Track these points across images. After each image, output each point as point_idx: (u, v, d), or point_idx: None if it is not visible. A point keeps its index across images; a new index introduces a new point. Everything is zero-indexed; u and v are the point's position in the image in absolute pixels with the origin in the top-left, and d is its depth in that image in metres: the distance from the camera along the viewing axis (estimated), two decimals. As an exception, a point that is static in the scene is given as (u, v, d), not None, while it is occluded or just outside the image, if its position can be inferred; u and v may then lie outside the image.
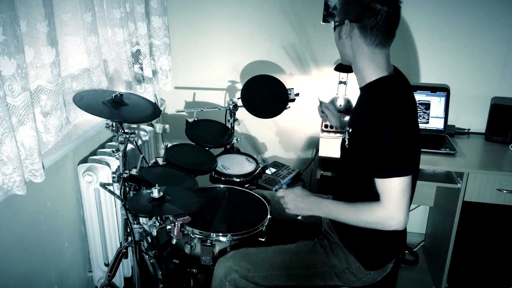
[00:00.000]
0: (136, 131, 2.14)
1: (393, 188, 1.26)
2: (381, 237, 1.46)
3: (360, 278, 1.49)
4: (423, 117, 2.31)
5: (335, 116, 1.92)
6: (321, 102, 1.96)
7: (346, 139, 1.42)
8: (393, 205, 1.27)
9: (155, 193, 1.41)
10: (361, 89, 1.41)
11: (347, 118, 2.20)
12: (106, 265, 1.97)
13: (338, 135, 2.31)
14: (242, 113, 2.16)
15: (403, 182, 1.25)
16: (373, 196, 1.30)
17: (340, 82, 2.37)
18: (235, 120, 2.19)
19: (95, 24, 1.66)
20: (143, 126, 2.27)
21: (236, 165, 2.06)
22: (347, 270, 1.49)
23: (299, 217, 1.52)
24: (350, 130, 1.39)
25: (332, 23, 1.41)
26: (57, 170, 1.70)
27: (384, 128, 1.25)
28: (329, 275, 1.50)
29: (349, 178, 1.49)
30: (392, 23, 1.32)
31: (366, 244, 1.46)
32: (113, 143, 2.05)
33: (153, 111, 1.61)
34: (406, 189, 1.26)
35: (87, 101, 1.50)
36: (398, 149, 1.25)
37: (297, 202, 1.47)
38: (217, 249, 1.55)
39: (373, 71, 1.35)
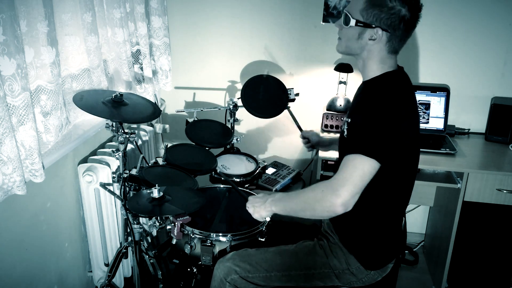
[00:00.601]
0: (136, 131, 2.14)
1: (351, 164, 1.22)
2: (381, 237, 1.46)
3: (360, 278, 1.49)
4: (423, 117, 2.31)
5: (314, 134, 1.99)
6: (301, 130, 2.05)
7: (345, 130, 1.41)
8: (342, 177, 1.21)
9: (155, 193, 1.41)
10: (365, 82, 1.41)
11: (325, 135, 2.26)
12: (106, 265, 1.97)
13: (338, 135, 2.31)
14: (242, 113, 2.16)
15: (365, 162, 1.21)
16: (372, 192, 1.30)
17: (340, 82, 2.37)
18: (235, 120, 2.19)
19: (95, 24, 1.66)
20: (143, 126, 2.27)
21: (236, 165, 2.06)
22: (347, 270, 1.48)
23: (267, 219, 1.49)
24: (349, 120, 1.39)
25: (353, 21, 1.31)
26: (57, 170, 1.70)
27: (375, 115, 1.25)
28: (329, 276, 1.50)
29: None
30: (412, 31, 1.34)
31: (366, 244, 1.46)
32: (113, 143, 2.05)
33: (153, 111, 1.61)
34: (364, 171, 1.21)
35: (87, 101, 1.50)
36: (376, 135, 1.23)
37: (255, 203, 1.44)
38: (217, 249, 1.55)
39: (381, 69, 1.37)
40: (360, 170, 1.21)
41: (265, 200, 1.42)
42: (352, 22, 1.32)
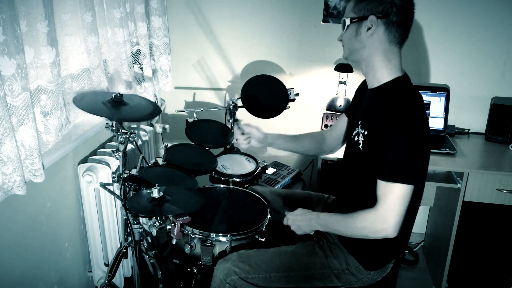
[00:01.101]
0: (136, 131, 2.14)
1: (393, 193, 1.25)
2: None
3: (360, 278, 1.49)
4: (423, 117, 2.31)
5: (258, 138, 1.70)
6: (238, 126, 1.73)
7: (361, 142, 1.38)
8: (388, 208, 1.25)
9: (155, 193, 1.41)
10: (375, 89, 1.38)
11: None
12: (106, 265, 1.97)
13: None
14: (242, 113, 2.16)
15: (405, 189, 1.24)
16: (372, 194, 1.30)
17: (340, 82, 2.37)
18: (235, 120, 2.19)
19: (95, 24, 1.65)
20: (143, 126, 2.27)
21: (236, 165, 2.06)
22: (347, 270, 1.48)
23: (311, 233, 1.54)
24: (366, 133, 1.36)
25: (347, 21, 1.34)
26: (57, 170, 1.70)
27: (403, 133, 1.23)
28: (328, 276, 1.50)
29: (350, 178, 1.49)
30: (411, 20, 1.32)
31: (366, 244, 1.45)
32: (113, 143, 2.05)
33: (153, 110, 1.61)
34: (405, 197, 1.25)
35: (87, 101, 1.50)
36: (411, 157, 1.24)
37: (298, 222, 1.50)
38: (217, 249, 1.55)
39: (389, 71, 1.34)
40: (402, 198, 1.25)
41: (309, 221, 1.47)
42: (347, 21, 1.34)
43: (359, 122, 1.41)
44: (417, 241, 2.70)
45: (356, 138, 1.42)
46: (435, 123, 2.32)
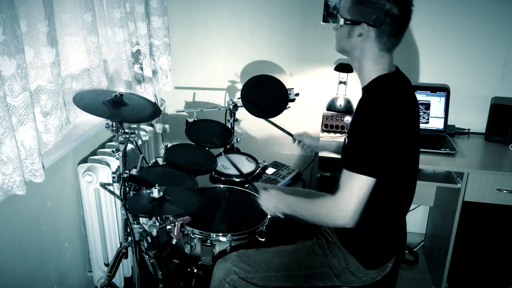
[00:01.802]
0: (136, 131, 2.14)
1: (352, 182, 1.27)
2: (380, 237, 1.46)
3: (359, 277, 1.49)
4: (423, 117, 2.31)
5: (308, 137, 1.95)
6: (292, 135, 1.98)
7: (346, 138, 1.43)
8: (345, 197, 1.29)
9: (155, 193, 1.41)
10: (363, 89, 1.41)
11: (323, 137, 2.23)
12: (106, 265, 1.97)
13: (338, 135, 2.31)
14: (242, 113, 2.16)
15: (364, 180, 1.27)
16: (374, 197, 1.30)
17: (340, 82, 2.37)
18: (235, 120, 2.19)
19: (95, 24, 1.66)
20: (143, 126, 2.27)
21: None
22: (346, 269, 1.48)
23: (281, 216, 1.53)
24: (349, 129, 1.39)
25: (341, 20, 1.34)
26: (57, 170, 1.70)
27: (369, 128, 1.26)
28: (328, 275, 1.50)
29: None
30: (405, 29, 1.32)
31: (365, 243, 1.46)
32: (113, 143, 2.05)
33: (153, 111, 1.61)
34: (363, 188, 1.27)
35: (87, 101, 1.50)
36: (374, 151, 1.26)
37: (268, 202, 1.51)
38: (217, 249, 1.55)
39: (376, 72, 1.35)
40: (360, 188, 1.28)
41: (278, 202, 1.49)
42: (341, 21, 1.35)
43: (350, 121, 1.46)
44: (417, 241, 2.70)
45: (345, 136, 1.45)
46: (435, 123, 2.31)
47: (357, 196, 1.28)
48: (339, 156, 1.51)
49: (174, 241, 1.57)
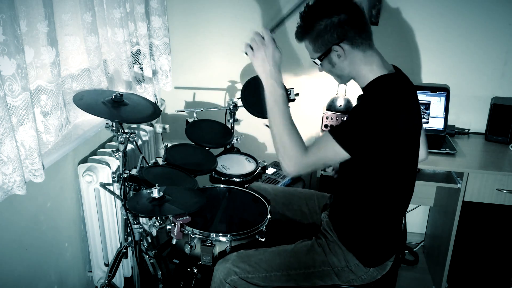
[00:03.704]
0: (136, 131, 2.14)
1: (324, 143, 1.29)
2: (379, 235, 1.46)
3: (359, 276, 1.49)
4: (423, 117, 2.31)
5: None
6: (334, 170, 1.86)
7: None
8: (310, 151, 1.31)
9: (155, 193, 1.41)
10: (363, 89, 1.41)
11: None
12: (106, 265, 1.97)
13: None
14: (242, 113, 2.16)
15: (336, 148, 1.27)
16: (371, 192, 1.30)
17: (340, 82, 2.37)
18: (235, 120, 2.18)
19: (95, 24, 1.66)
20: (143, 126, 2.27)
21: (236, 165, 2.06)
22: (346, 268, 1.49)
23: (244, 52, 1.44)
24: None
25: (317, 61, 1.39)
26: (57, 170, 1.70)
27: (365, 113, 1.27)
28: (328, 274, 1.50)
29: (348, 176, 1.49)
30: (363, 18, 1.34)
31: (364, 241, 1.47)
32: (113, 143, 2.05)
33: (153, 111, 1.61)
34: (330, 154, 1.28)
35: (87, 101, 1.50)
36: (361, 130, 1.26)
37: (265, 64, 1.42)
38: (217, 249, 1.55)
39: (373, 73, 1.36)
40: (326, 153, 1.29)
41: (270, 73, 1.42)
42: (318, 62, 1.40)
43: None
44: (417, 241, 2.70)
45: None
46: (435, 123, 2.32)
47: (320, 157, 1.29)
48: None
49: (174, 241, 1.57)
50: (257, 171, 2.02)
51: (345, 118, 1.41)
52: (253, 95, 2.10)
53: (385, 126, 1.26)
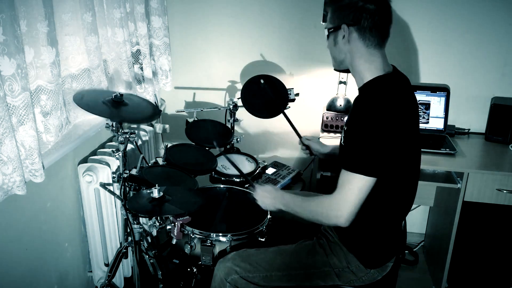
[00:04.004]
0: (136, 131, 2.14)
1: (350, 182, 1.27)
2: (380, 236, 1.46)
3: (360, 276, 1.49)
4: (423, 117, 2.31)
5: (316, 143, 1.92)
6: (300, 137, 1.95)
7: (342, 137, 1.43)
8: (342, 197, 1.29)
9: (155, 193, 1.41)
10: (359, 89, 1.41)
11: (322, 137, 2.24)
12: (106, 265, 1.97)
13: (338, 135, 2.31)
14: (242, 113, 2.16)
15: (363, 180, 1.26)
16: (371, 193, 1.30)
17: (340, 82, 2.37)
18: (235, 120, 2.18)
19: (95, 24, 1.66)
20: (143, 126, 2.27)
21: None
22: (347, 268, 1.49)
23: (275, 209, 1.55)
24: (346, 128, 1.39)
25: (326, 31, 1.41)
26: (57, 170, 1.70)
27: (368, 127, 1.26)
28: (329, 274, 1.50)
29: None
30: (387, 21, 1.33)
31: (365, 242, 1.47)
32: (113, 143, 2.05)
33: (153, 112, 1.61)
34: (362, 189, 1.27)
35: (87, 101, 1.50)
36: (373, 150, 1.26)
37: (264, 199, 1.53)
38: (217, 249, 1.55)
39: (371, 72, 1.36)
40: (359, 189, 1.28)
41: (274, 199, 1.50)
42: (326, 32, 1.41)
43: (346, 120, 1.46)
44: (417, 241, 2.70)
45: (341, 135, 1.46)
46: (435, 123, 2.31)
47: (356, 196, 1.27)
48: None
49: (174, 241, 1.57)
50: (257, 171, 2.02)
51: (344, 131, 1.40)
52: (253, 95, 2.11)
53: (390, 133, 1.27)
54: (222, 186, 1.88)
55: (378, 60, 1.36)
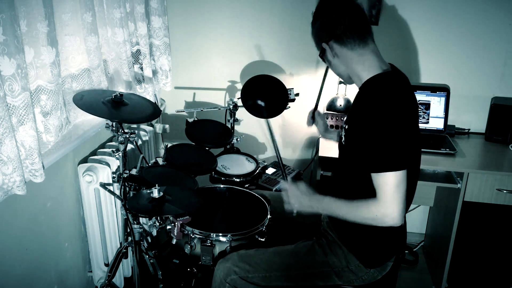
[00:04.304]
0: (136, 131, 2.14)
1: (387, 183, 1.27)
2: (380, 235, 1.46)
3: (360, 276, 1.49)
4: (423, 117, 2.31)
5: (324, 125, 1.96)
6: (316, 108, 1.94)
7: (343, 136, 1.44)
8: (388, 200, 1.28)
9: (155, 193, 1.41)
10: (359, 88, 1.42)
11: (328, 143, 2.21)
12: (106, 265, 1.97)
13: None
14: (242, 113, 2.16)
15: (397, 176, 1.26)
16: (370, 192, 1.31)
17: (340, 82, 2.37)
18: (235, 120, 2.19)
19: (95, 24, 1.66)
20: (143, 126, 2.27)
21: (236, 165, 2.06)
22: (347, 268, 1.49)
23: (294, 214, 1.53)
24: (347, 127, 1.40)
25: (319, 57, 1.47)
26: (57, 170, 1.70)
27: (379, 124, 1.26)
28: (328, 274, 1.50)
29: (346, 174, 1.49)
30: (359, 17, 1.36)
31: (365, 242, 1.47)
32: (113, 143, 2.05)
33: (153, 112, 1.61)
34: (400, 184, 1.27)
35: (87, 101, 1.50)
36: (393, 144, 1.26)
37: (301, 199, 1.48)
38: (217, 249, 1.55)
39: (366, 71, 1.37)
40: (398, 185, 1.27)
41: (310, 201, 1.46)
42: (319, 58, 1.48)
43: (346, 119, 1.47)
44: (417, 241, 2.70)
45: (341, 134, 1.47)
46: (435, 123, 2.32)
47: (398, 193, 1.27)
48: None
49: (174, 241, 1.57)
50: (257, 171, 2.02)
51: (345, 130, 1.41)
52: (253, 95, 2.11)
53: (401, 126, 1.28)
54: (222, 186, 1.88)
55: (370, 57, 1.37)
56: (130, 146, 1.99)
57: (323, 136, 1.98)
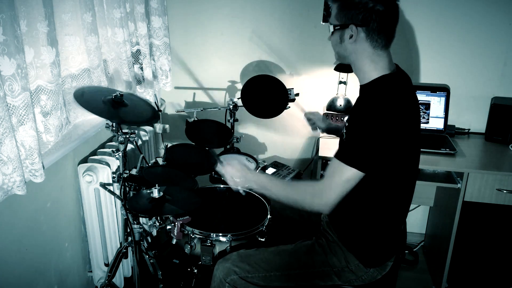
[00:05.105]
0: (136, 131, 2.14)
1: (340, 174, 1.28)
2: (380, 235, 1.46)
3: (360, 276, 1.49)
4: (423, 117, 2.31)
5: (320, 118, 1.99)
6: (305, 113, 2.02)
7: (344, 133, 1.43)
8: (330, 185, 1.30)
9: (155, 193, 1.41)
10: (362, 86, 1.41)
11: (322, 137, 2.25)
12: (106, 265, 1.97)
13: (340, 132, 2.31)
14: (242, 113, 2.16)
15: (353, 174, 1.27)
16: (370, 190, 1.31)
17: (340, 82, 2.37)
18: (235, 120, 2.18)
19: (95, 24, 1.66)
20: (143, 126, 2.27)
21: (236, 165, 2.05)
22: (346, 268, 1.49)
23: (241, 191, 1.56)
24: (347, 124, 1.40)
25: (331, 27, 1.39)
26: (57, 170, 1.70)
27: (369, 124, 1.26)
28: (328, 274, 1.50)
29: None
30: (395, 22, 1.33)
31: (365, 241, 1.47)
32: (113, 143, 2.05)
33: (152, 115, 1.59)
34: (350, 181, 1.28)
35: (88, 100, 1.50)
36: (370, 146, 1.26)
37: (245, 174, 1.50)
38: (217, 249, 1.55)
39: (376, 71, 1.35)
40: (346, 180, 1.29)
41: (246, 178, 1.49)
42: (331, 28, 1.38)
43: (348, 116, 1.46)
44: (417, 241, 2.70)
45: (342, 131, 1.46)
46: (435, 123, 2.32)
47: (343, 187, 1.29)
48: None
49: (174, 241, 1.57)
50: (257, 171, 2.02)
51: (345, 127, 1.40)
52: (253, 95, 2.11)
53: (392, 134, 1.27)
54: (222, 186, 1.88)
55: (384, 60, 1.35)
56: (130, 146, 1.99)
57: (326, 131, 1.99)
